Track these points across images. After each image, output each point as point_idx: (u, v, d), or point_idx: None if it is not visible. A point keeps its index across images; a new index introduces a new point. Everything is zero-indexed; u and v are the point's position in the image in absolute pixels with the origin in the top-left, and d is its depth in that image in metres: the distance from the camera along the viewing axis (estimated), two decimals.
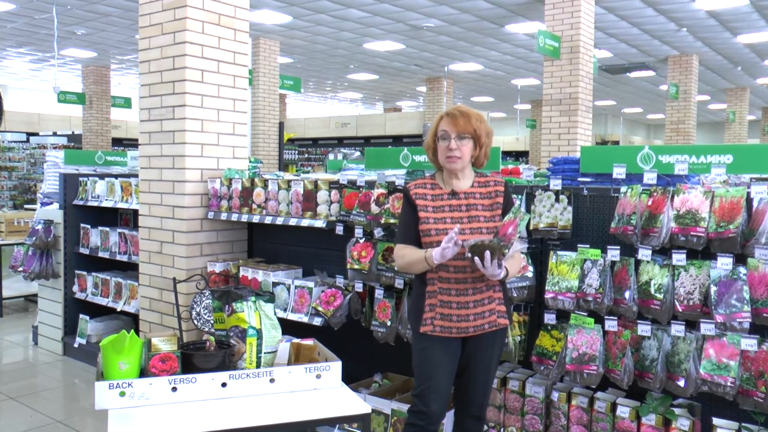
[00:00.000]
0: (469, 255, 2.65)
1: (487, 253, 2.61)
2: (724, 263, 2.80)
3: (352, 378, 3.64)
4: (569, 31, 9.57)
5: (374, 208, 3.76)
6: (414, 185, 2.98)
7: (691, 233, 2.84)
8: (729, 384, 2.77)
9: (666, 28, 13.36)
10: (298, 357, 2.72)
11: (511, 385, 3.51)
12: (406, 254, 2.89)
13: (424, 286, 2.91)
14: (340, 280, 4.03)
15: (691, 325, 2.93)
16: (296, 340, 2.80)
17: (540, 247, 3.57)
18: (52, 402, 4.93)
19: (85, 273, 5.91)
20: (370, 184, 3.88)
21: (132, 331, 2.46)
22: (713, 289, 2.80)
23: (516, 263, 2.90)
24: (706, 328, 2.83)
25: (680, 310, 2.89)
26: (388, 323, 3.83)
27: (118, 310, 5.56)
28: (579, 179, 3.55)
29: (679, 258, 2.90)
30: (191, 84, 4.46)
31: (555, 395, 3.37)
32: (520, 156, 24.34)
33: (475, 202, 2.91)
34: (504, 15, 12.55)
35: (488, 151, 2.96)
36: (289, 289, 4.14)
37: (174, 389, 2.38)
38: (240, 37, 4.72)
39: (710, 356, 2.84)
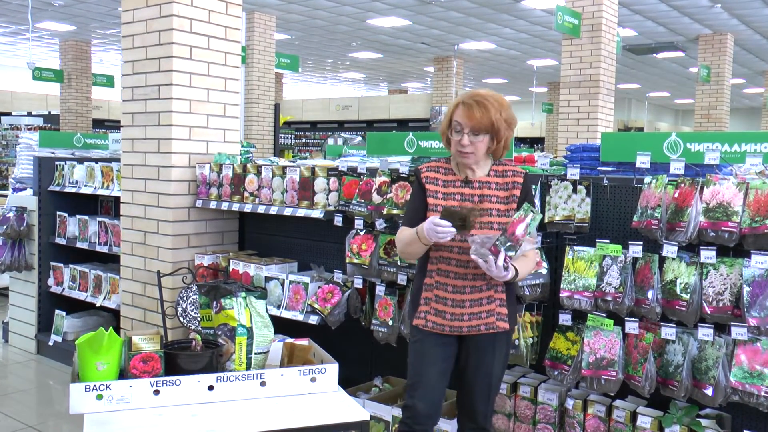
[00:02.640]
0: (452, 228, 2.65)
1: (491, 257, 2.61)
2: (758, 261, 2.79)
3: (350, 382, 3.64)
4: (591, 6, 9.52)
5: (376, 198, 3.75)
6: (426, 167, 2.97)
7: (722, 228, 2.83)
8: (763, 394, 2.76)
9: (698, 4, 13.30)
10: (291, 358, 2.72)
11: (522, 391, 3.51)
12: (404, 235, 2.89)
13: (423, 277, 2.94)
14: (338, 276, 4.03)
15: (721, 328, 2.92)
16: (290, 340, 2.80)
17: (555, 241, 3.56)
18: (23, 405, 4.94)
19: (61, 265, 5.92)
20: (372, 172, 3.87)
21: (111, 328, 2.46)
22: (746, 289, 2.79)
23: (528, 264, 2.88)
24: (738, 332, 2.82)
25: (708, 312, 2.89)
26: (390, 322, 3.83)
27: (98, 305, 5.57)
28: (599, 168, 3.54)
29: (708, 255, 2.89)
30: (178, 61, 4.45)
31: (570, 403, 3.37)
32: (535, 143, 24.31)
33: (490, 193, 2.88)
34: None
35: (509, 142, 2.92)
36: (283, 285, 4.14)
37: (156, 392, 2.38)
38: (232, 10, 4.70)
39: (742, 363, 2.83)
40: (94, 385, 2.33)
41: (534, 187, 3.46)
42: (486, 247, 2.65)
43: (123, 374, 2.45)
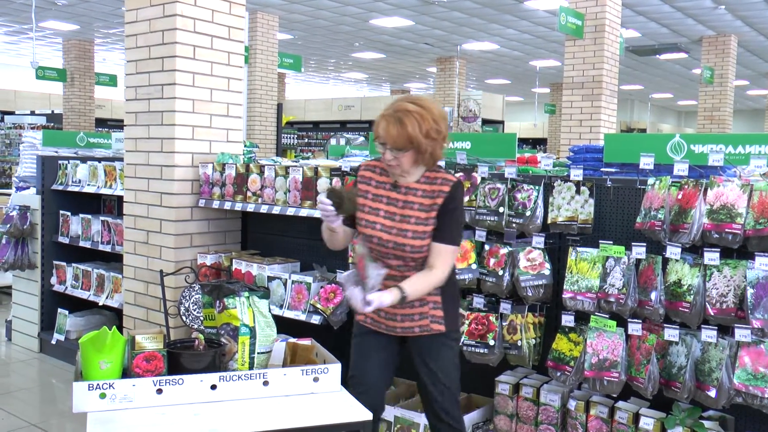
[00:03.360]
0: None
1: (350, 291, 2.67)
2: (762, 263, 2.79)
3: None
4: (594, 7, 9.52)
5: None
6: (365, 166, 3.00)
7: (726, 230, 2.83)
8: (767, 395, 2.76)
9: (701, 6, 13.28)
10: (294, 358, 2.72)
11: (525, 392, 3.51)
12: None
13: None
14: (340, 276, 4.02)
15: (724, 330, 2.92)
16: (292, 340, 2.80)
17: (558, 242, 3.56)
18: (26, 403, 4.94)
19: (64, 264, 5.92)
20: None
21: (114, 327, 2.46)
22: (750, 291, 2.79)
23: (420, 284, 2.79)
24: (742, 334, 2.82)
25: (712, 313, 2.89)
26: None
27: (100, 304, 5.57)
28: (602, 169, 3.54)
29: (711, 257, 2.89)
30: (182, 60, 4.45)
31: (572, 404, 3.37)
32: (537, 143, 24.31)
33: (414, 200, 2.85)
34: None
35: (437, 153, 2.82)
36: (285, 284, 4.14)
37: (159, 391, 2.38)
38: (236, 10, 4.71)
39: (745, 365, 2.83)
40: (98, 384, 2.33)
41: (537, 187, 3.46)
42: (350, 282, 2.70)
43: (126, 373, 2.45)
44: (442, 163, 3.23)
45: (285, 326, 3.78)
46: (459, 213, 2.89)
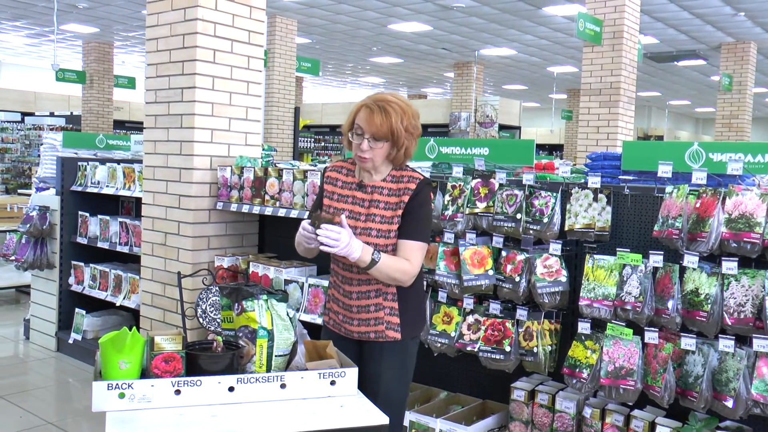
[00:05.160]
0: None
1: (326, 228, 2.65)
2: None
3: None
4: (612, 14, 9.49)
5: None
6: (332, 167, 3.00)
7: (745, 239, 2.82)
8: None
9: (721, 12, 13.21)
10: (313, 355, 2.72)
11: (540, 399, 3.51)
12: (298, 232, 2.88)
13: (329, 275, 3.05)
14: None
15: (742, 340, 2.91)
16: (308, 339, 2.80)
17: (575, 249, 3.56)
18: (43, 402, 4.99)
19: (82, 264, 5.98)
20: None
21: (135, 328, 2.48)
22: None
23: (392, 263, 2.76)
24: (760, 344, 2.81)
25: (729, 323, 2.87)
26: None
27: (117, 304, 5.62)
28: (620, 177, 3.53)
29: (729, 266, 2.88)
30: (202, 64, 4.49)
31: (587, 411, 3.36)
32: (554, 150, 24.23)
33: (380, 199, 2.83)
34: None
35: (410, 150, 2.82)
36: (302, 288, 4.16)
37: (177, 392, 2.40)
38: (256, 14, 4.74)
39: (763, 375, 2.81)
40: (117, 384, 2.35)
41: (554, 194, 3.46)
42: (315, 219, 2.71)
43: (145, 374, 2.47)
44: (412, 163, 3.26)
45: None
46: (426, 210, 2.85)
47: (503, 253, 3.59)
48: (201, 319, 3.98)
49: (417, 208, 2.80)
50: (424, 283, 3.78)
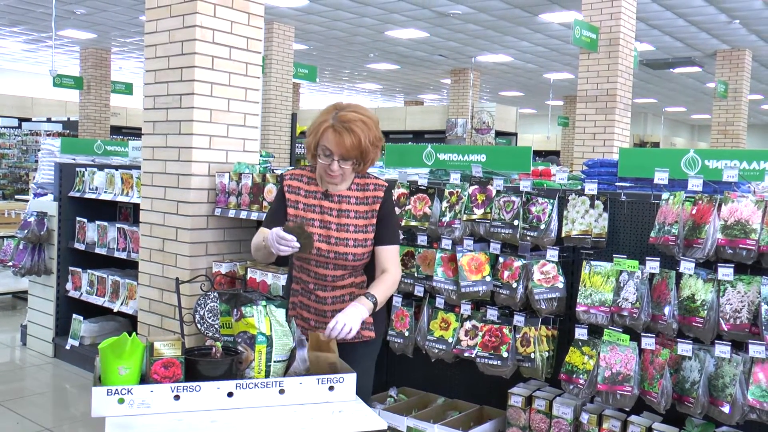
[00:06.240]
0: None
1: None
2: None
3: None
4: (608, 21, 9.53)
5: None
6: (290, 175, 2.98)
7: (740, 246, 2.83)
8: None
9: (716, 20, 13.28)
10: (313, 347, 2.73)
11: (537, 405, 3.52)
12: (257, 239, 2.90)
13: (290, 282, 3.05)
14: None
15: (738, 345, 2.92)
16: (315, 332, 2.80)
17: (572, 256, 3.57)
18: (40, 408, 4.99)
19: (79, 270, 5.97)
20: (391, 184, 3.89)
21: (134, 333, 2.49)
22: (764, 307, 2.79)
23: (387, 289, 2.91)
24: (756, 350, 2.82)
25: (726, 329, 2.89)
26: (406, 333, 3.85)
27: (115, 310, 5.61)
28: (616, 184, 3.55)
29: (725, 272, 2.89)
30: (200, 71, 4.50)
31: (584, 417, 3.37)
32: (550, 156, 24.29)
33: (349, 208, 2.89)
34: (538, 3, 12.53)
35: (376, 158, 2.88)
36: None
37: (177, 397, 2.41)
38: (254, 21, 4.76)
39: (760, 381, 2.83)
40: (116, 389, 2.36)
41: (551, 200, 3.48)
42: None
43: (144, 379, 2.48)
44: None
45: None
46: (395, 214, 3.04)
47: (500, 260, 3.60)
48: (199, 325, 3.98)
49: (388, 215, 2.94)
50: (422, 288, 3.81)
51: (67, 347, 5.90)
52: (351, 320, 2.72)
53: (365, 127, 2.78)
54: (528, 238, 3.50)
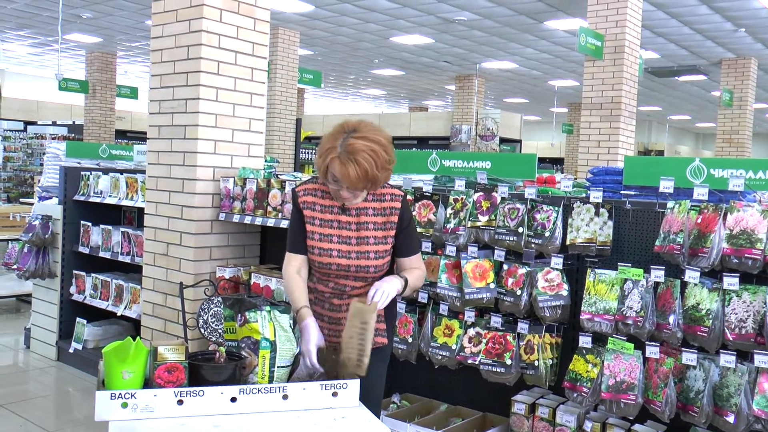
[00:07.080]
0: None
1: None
2: None
3: None
4: (614, 29, 9.54)
5: None
6: (304, 190, 2.91)
7: (746, 255, 2.83)
8: None
9: (721, 28, 13.27)
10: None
11: (541, 412, 3.51)
12: (290, 279, 2.88)
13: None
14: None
15: (743, 355, 2.91)
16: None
17: (577, 264, 3.57)
18: (43, 411, 4.99)
19: (83, 273, 5.98)
20: None
21: (138, 338, 2.49)
22: None
23: (417, 280, 2.95)
24: (761, 360, 2.81)
25: (731, 338, 2.88)
26: (410, 340, 3.85)
27: (119, 314, 5.62)
28: (621, 192, 3.55)
29: (731, 282, 2.89)
30: (206, 76, 4.51)
31: (588, 425, 3.36)
32: (554, 163, 24.28)
33: (367, 220, 2.86)
34: (543, 10, 12.54)
35: (389, 176, 2.83)
36: None
37: (180, 402, 2.41)
38: (260, 26, 4.77)
39: (765, 391, 2.82)
40: (120, 393, 2.36)
41: (556, 208, 3.48)
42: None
43: (148, 383, 2.48)
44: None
45: None
46: (413, 221, 3.02)
47: (505, 267, 3.60)
48: (202, 330, 3.99)
49: (408, 224, 2.92)
50: (426, 295, 3.81)
51: (71, 351, 5.90)
52: (388, 287, 2.77)
53: (373, 156, 2.68)
54: (532, 245, 3.50)
